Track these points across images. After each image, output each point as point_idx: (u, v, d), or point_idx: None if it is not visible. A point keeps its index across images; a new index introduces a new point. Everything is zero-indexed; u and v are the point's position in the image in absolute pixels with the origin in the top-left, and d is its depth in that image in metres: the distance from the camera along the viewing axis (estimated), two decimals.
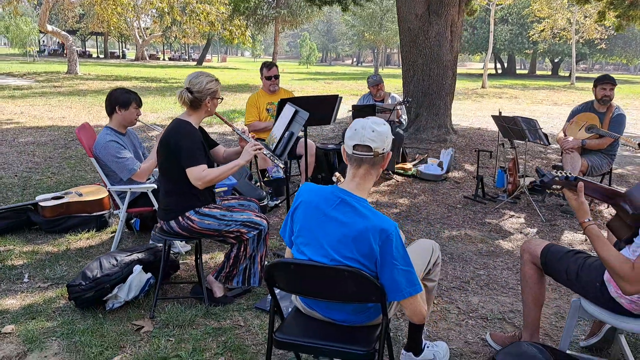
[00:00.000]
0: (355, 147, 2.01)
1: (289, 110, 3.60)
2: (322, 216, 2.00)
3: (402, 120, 6.15)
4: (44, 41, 55.37)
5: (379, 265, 1.94)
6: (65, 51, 33.60)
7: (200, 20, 22.17)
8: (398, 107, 5.86)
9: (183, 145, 2.94)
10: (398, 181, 6.08)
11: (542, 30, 29.53)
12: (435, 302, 3.33)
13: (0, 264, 3.66)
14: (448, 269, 3.83)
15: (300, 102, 4.64)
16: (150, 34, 44.71)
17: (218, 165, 3.25)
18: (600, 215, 5.04)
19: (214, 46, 67.23)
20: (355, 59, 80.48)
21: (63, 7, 40.12)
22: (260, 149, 3.12)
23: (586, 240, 4.40)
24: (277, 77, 5.34)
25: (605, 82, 4.82)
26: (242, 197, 3.56)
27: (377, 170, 2.07)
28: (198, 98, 3.03)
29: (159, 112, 12.11)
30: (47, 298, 3.22)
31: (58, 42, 51.04)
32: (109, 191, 3.80)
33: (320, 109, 4.67)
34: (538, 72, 50.73)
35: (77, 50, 49.64)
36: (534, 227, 4.71)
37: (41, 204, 4.28)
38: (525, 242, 2.71)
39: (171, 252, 3.80)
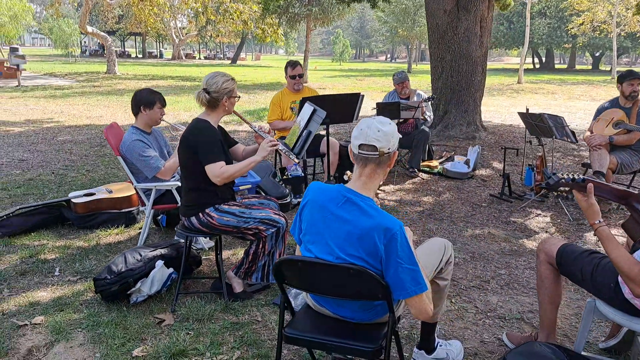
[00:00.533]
0: (361, 146, 2.03)
1: (307, 109, 3.65)
2: (329, 215, 2.04)
3: (427, 117, 6.12)
4: (85, 42, 57.03)
5: (384, 263, 1.97)
6: (105, 51, 34.63)
7: (233, 19, 22.45)
8: (423, 105, 5.82)
9: (202, 143, 3.02)
10: (423, 179, 6.06)
11: (582, 24, 28.68)
12: (452, 301, 3.33)
13: (33, 258, 3.83)
14: (469, 267, 3.81)
15: (323, 100, 4.69)
16: (186, 34, 45.47)
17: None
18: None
19: (248, 45, 67.88)
20: (389, 56, 79.97)
21: (103, 9, 41.28)
22: (275, 145, 3.17)
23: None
24: (301, 76, 5.38)
25: (633, 78, 4.71)
26: (263, 196, 3.62)
27: (383, 169, 2.09)
28: (215, 98, 3.11)
29: (192, 111, 12.34)
30: (75, 291, 3.36)
31: (98, 43, 52.40)
32: (135, 188, 3.93)
33: (342, 107, 4.71)
34: (578, 67, 49.25)
35: (116, 51, 50.96)
36: (561, 226, 4.63)
37: (73, 200, 4.46)
38: (541, 242, 2.69)
39: (194, 248, 3.90)
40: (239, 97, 3.30)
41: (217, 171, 3.00)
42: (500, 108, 13.79)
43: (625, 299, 2.21)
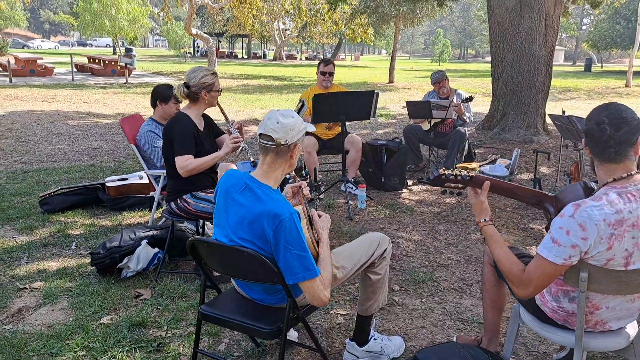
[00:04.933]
0: (260, 135, 2.13)
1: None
2: (230, 200, 2.16)
3: (465, 117, 5.94)
4: (197, 44, 60.71)
5: (274, 248, 2.05)
6: (216, 52, 36.75)
7: (324, 20, 22.87)
8: (453, 105, 5.66)
9: (175, 134, 3.26)
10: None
11: None
12: (422, 300, 3.29)
13: (60, 233, 4.30)
14: (457, 270, 3.72)
15: (336, 98, 4.77)
16: (287, 35, 46.86)
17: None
18: None
19: (351, 45, 68.43)
20: None
21: (213, 12, 43.83)
22: (238, 142, 3.33)
23: None
24: (331, 74, 5.41)
25: None
26: None
27: (284, 160, 2.16)
28: (194, 92, 3.33)
29: (267, 109, 12.83)
30: (80, 263, 3.74)
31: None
32: (146, 174, 4.28)
33: (356, 104, 4.76)
34: None
35: (224, 52, 53.55)
36: None
37: (107, 184, 4.92)
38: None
39: (189, 231, 4.16)
40: (220, 90, 3.49)
41: (181, 163, 3.23)
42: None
43: (536, 304, 2.12)
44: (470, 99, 5.78)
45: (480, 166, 6.19)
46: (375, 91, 4.79)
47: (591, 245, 1.75)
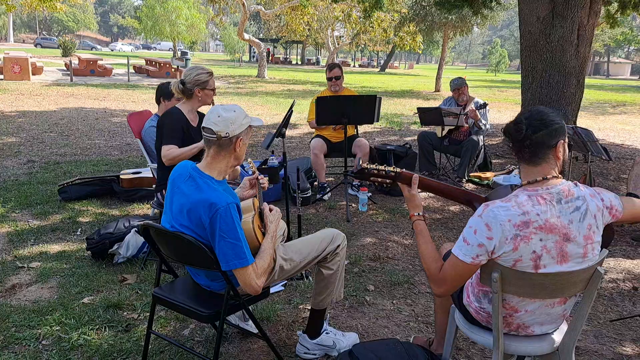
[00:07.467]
0: (202, 128, 2.25)
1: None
2: (176, 188, 2.29)
3: (481, 124, 5.86)
4: (254, 49, 62.13)
5: (210, 236, 2.16)
6: (270, 58, 37.58)
7: (373, 27, 22.92)
8: (463, 113, 5.60)
9: (164, 126, 3.44)
10: (467, 190, 5.82)
11: None
12: (393, 301, 3.31)
13: (71, 220, 4.58)
14: None
15: (340, 101, 4.85)
16: (341, 42, 47.16)
17: None
18: None
19: (406, 53, 67.99)
20: None
21: (267, 18, 44.76)
22: None
23: None
24: (337, 78, 5.49)
25: None
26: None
27: (227, 152, 2.26)
28: (188, 88, 3.49)
29: (303, 113, 13.02)
30: (79, 248, 3.98)
31: (267, 50, 56.71)
32: (149, 167, 4.49)
33: (359, 108, 4.81)
34: None
35: (279, 57, 54.52)
36: None
37: (121, 176, 5.18)
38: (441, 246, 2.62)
39: None
40: (214, 89, 3.64)
41: (165, 152, 3.39)
42: (638, 127, 12.30)
43: (463, 305, 2.12)
44: (484, 105, 5.72)
45: (494, 176, 6.09)
46: (378, 96, 4.83)
47: (496, 246, 1.76)
